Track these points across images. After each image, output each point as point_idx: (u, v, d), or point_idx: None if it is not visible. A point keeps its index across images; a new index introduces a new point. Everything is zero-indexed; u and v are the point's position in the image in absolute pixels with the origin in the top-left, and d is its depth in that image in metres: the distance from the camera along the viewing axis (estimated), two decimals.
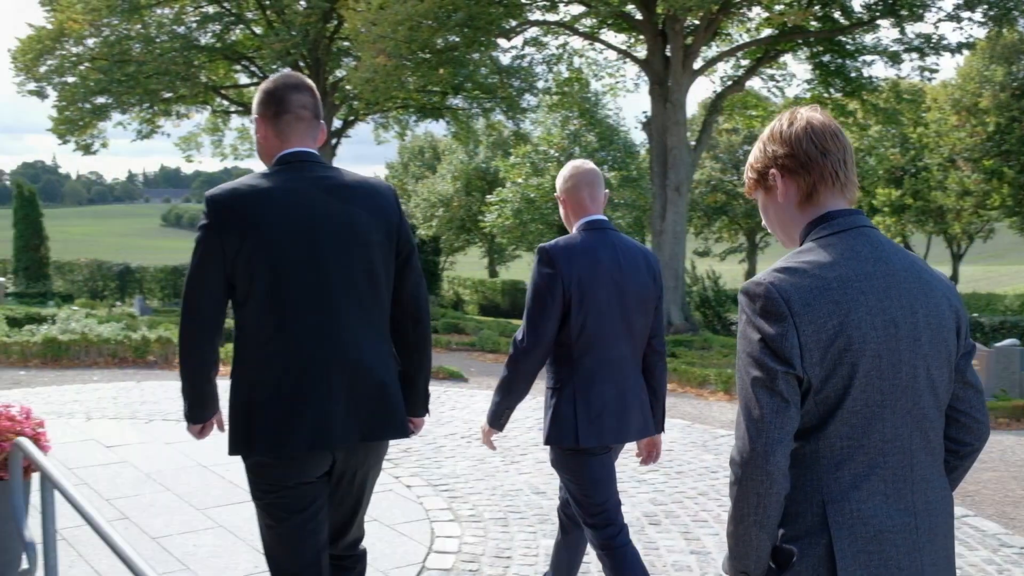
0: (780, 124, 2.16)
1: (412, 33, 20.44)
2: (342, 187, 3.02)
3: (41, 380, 11.23)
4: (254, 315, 2.93)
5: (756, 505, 1.96)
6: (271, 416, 2.89)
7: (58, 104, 28.04)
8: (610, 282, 3.65)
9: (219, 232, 2.88)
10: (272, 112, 3.04)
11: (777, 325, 1.95)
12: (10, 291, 21.36)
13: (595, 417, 3.63)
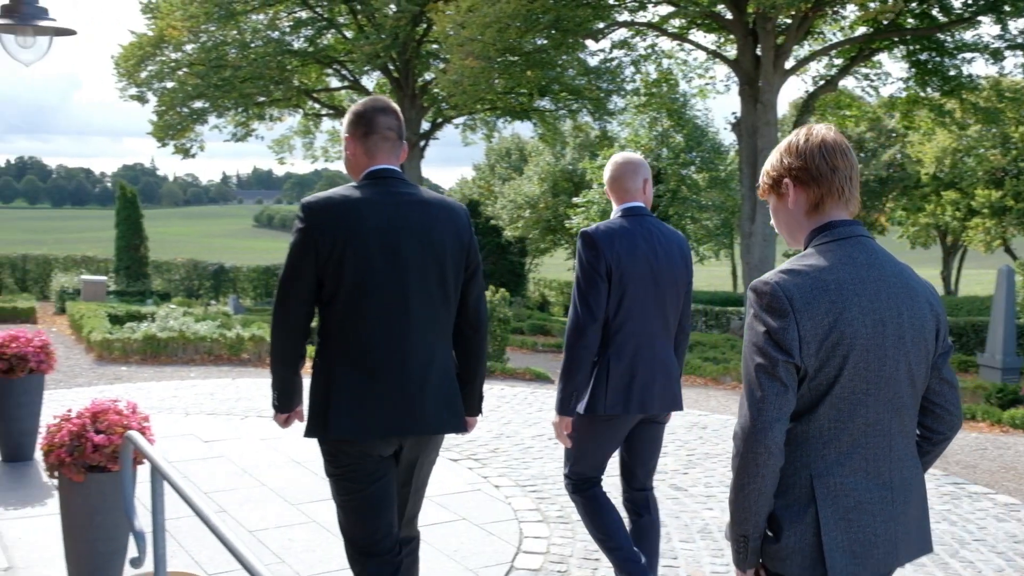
0: (797, 139, 2.42)
1: (500, 35, 20.53)
2: (422, 203, 3.35)
3: (141, 376, 11.61)
4: (339, 313, 3.24)
5: (755, 475, 2.24)
6: (348, 405, 3.20)
7: (158, 109, 28.93)
8: (645, 264, 3.94)
9: (313, 235, 3.20)
10: (361, 132, 3.38)
11: (780, 319, 2.24)
12: (112, 289, 22.07)
13: (624, 388, 3.92)
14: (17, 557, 4.90)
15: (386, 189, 3.33)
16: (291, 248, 3.26)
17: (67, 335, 15.93)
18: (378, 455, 3.30)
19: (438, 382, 3.34)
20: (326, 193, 3.32)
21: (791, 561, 2.28)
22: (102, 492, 4.27)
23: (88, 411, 4.33)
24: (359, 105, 3.44)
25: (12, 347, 6.52)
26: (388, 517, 3.36)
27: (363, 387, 3.23)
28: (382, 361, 3.24)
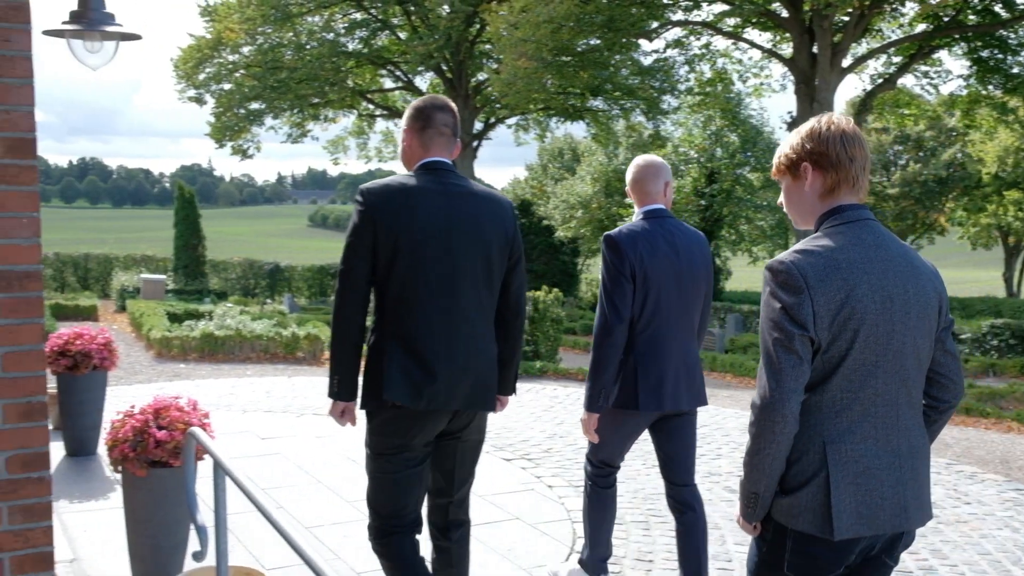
0: (819, 126, 2.58)
1: (553, 36, 20.55)
2: (472, 195, 3.56)
3: (199, 373, 11.80)
4: (393, 295, 3.45)
5: (771, 441, 2.44)
6: (400, 379, 3.40)
7: (215, 110, 29.39)
8: (668, 265, 4.09)
9: (372, 217, 3.40)
10: (419, 126, 3.59)
11: (795, 296, 2.41)
12: (170, 288, 22.48)
13: (656, 386, 4.08)
14: (82, 549, 5.02)
15: (439, 179, 3.53)
16: (351, 229, 3.45)
17: (127, 333, 16.25)
18: (423, 437, 3.50)
19: (483, 362, 3.55)
20: (384, 180, 3.52)
21: (802, 518, 2.47)
22: (164, 487, 4.35)
23: (150, 407, 4.42)
24: (419, 101, 3.67)
25: (77, 344, 6.67)
26: (417, 495, 3.60)
27: (414, 363, 3.41)
28: (432, 341, 3.44)
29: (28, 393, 3.06)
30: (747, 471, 2.53)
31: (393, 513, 3.58)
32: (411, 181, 3.50)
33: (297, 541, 2.24)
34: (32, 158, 2.98)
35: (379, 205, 3.42)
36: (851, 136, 2.56)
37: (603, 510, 4.42)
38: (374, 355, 3.48)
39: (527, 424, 8.51)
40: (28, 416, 3.06)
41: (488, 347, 3.59)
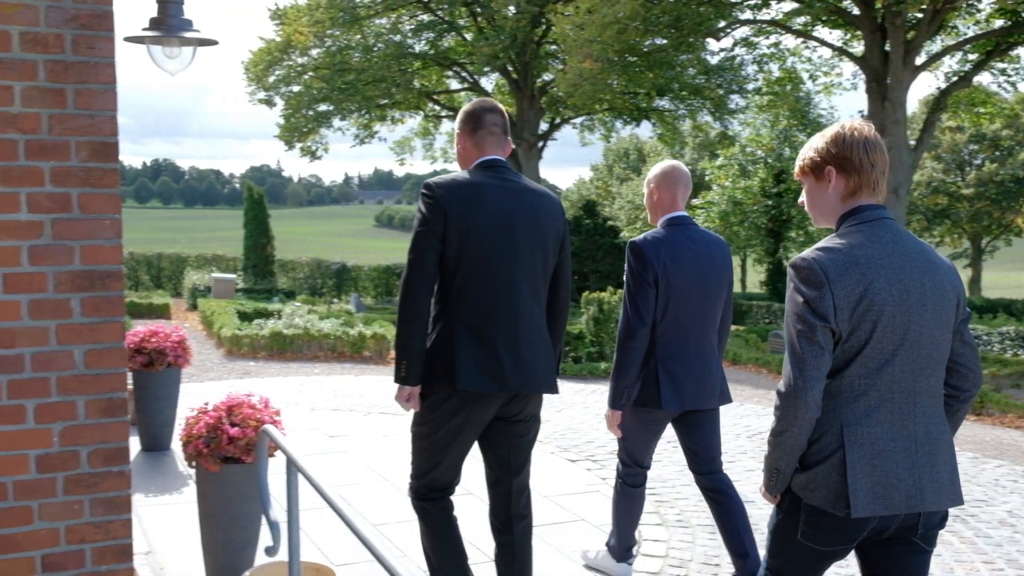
0: (844, 132, 2.76)
1: (619, 36, 20.46)
2: (529, 190, 3.79)
3: (268, 371, 11.99)
4: (459, 283, 3.62)
5: (793, 424, 2.65)
6: (462, 360, 3.57)
7: (284, 112, 29.82)
8: (690, 270, 4.29)
9: (442, 207, 3.59)
10: (471, 128, 3.81)
11: (817, 290, 2.61)
12: (240, 287, 22.87)
13: (677, 386, 4.30)
14: (156, 542, 5.14)
15: (498, 175, 3.75)
16: (420, 220, 3.62)
17: (199, 331, 16.57)
18: (480, 416, 3.69)
19: (542, 348, 3.75)
20: (449, 175, 3.73)
21: (817, 493, 2.67)
22: (236, 483, 4.44)
23: (224, 405, 4.51)
24: (470, 105, 3.89)
25: (152, 342, 6.84)
26: (459, 466, 3.84)
27: (482, 349, 3.60)
28: (496, 327, 3.63)
29: (109, 389, 3.14)
30: (771, 449, 2.75)
31: (433, 477, 3.78)
32: (474, 177, 3.71)
33: (368, 538, 2.28)
34: (114, 161, 3.07)
35: (448, 197, 3.60)
36: (873, 143, 2.75)
37: (630, 507, 4.66)
38: (442, 342, 3.63)
39: (592, 426, 8.50)
40: (109, 412, 3.15)
41: (544, 333, 3.80)
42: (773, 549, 2.88)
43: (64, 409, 3.08)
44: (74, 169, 3.03)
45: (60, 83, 2.98)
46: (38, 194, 3.00)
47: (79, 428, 3.11)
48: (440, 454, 3.74)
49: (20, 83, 2.94)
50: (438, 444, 3.72)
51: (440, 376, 3.60)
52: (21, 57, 2.93)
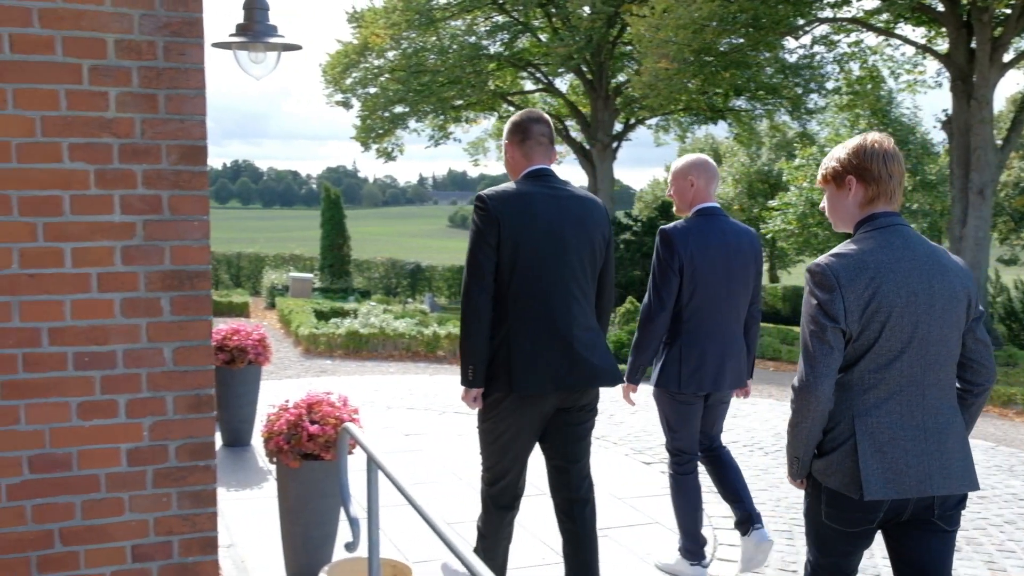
0: (865, 144, 2.98)
1: (695, 36, 20.28)
2: (576, 197, 3.98)
3: (345, 370, 12.16)
4: (516, 286, 3.82)
5: (807, 416, 2.90)
6: (521, 364, 3.79)
7: (361, 114, 30.19)
8: (718, 260, 4.50)
9: (495, 218, 3.80)
10: (519, 139, 4.02)
11: (829, 293, 2.84)
12: (317, 286, 23.23)
13: (696, 369, 4.54)
14: (237, 535, 5.26)
15: (546, 184, 3.95)
16: (475, 230, 3.85)
17: (276, 329, 16.87)
18: (538, 412, 3.91)
19: (596, 343, 3.95)
20: (500, 187, 3.94)
21: (833, 478, 2.92)
22: (315, 479, 4.52)
23: (304, 402, 4.59)
24: (517, 116, 4.08)
25: (234, 340, 6.99)
26: (525, 459, 4.04)
27: (535, 349, 3.81)
28: (549, 328, 3.83)
29: (196, 386, 3.23)
30: (789, 439, 3.01)
31: (501, 471, 4.02)
32: (524, 187, 3.91)
33: (448, 535, 2.31)
34: (203, 164, 3.15)
35: (501, 207, 3.81)
36: (891, 155, 2.97)
37: (686, 497, 4.76)
38: (498, 346, 3.85)
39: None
40: (196, 408, 3.24)
41: (595, 330, 4.00)
42: (808, 534, 3.14)
43: (154, 404, 3.18)
44: (165, 172, 3.12)
45: (152, 89, 3.08)
46: (131, 196, 3.09)
47: (168, 423, 3.20)
48: (504, 449, 3.97)
49: (115, 89, 3.04)
50: (502, 440, 3.95)
51: (498, 378, 3.84)
52: (116, 64, 3.03)
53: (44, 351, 3.06)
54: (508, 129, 4.08)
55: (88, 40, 3.00)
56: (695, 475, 4.78)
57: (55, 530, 3.14)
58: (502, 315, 3.86)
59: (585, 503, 4.09)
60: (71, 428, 3.11)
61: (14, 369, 3.04)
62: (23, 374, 3.05)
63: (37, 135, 2.98)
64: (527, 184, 3.93)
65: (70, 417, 3.10)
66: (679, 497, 4.79)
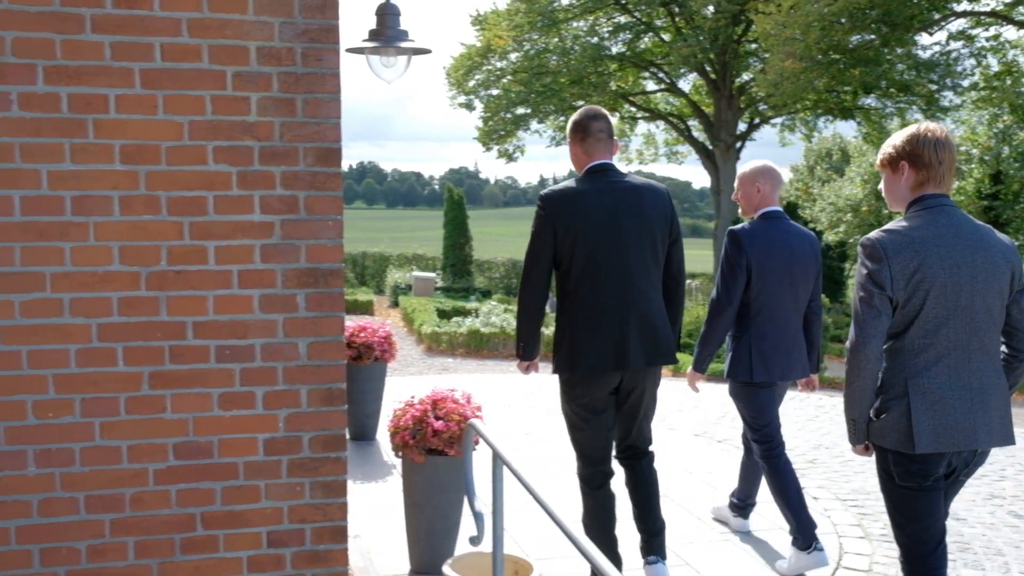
0: (919, 132, 3.27)
1: (824, 34, 19.79)
2: (634, 188, 4.23)
3: (466, 368, 12.33)
4: (574, 278, 4.16)
5: (859, 375, 3.21)
6: (585, 347, 4.15)
7: (483, 115, 30.50)
8: (781, 260, 4.82)
9: (551, 219, 4.14)
10: (580, 136, 4.28)
11: (877, 264, 3.16)
12: (439, 286, 23.59)
13: (766, 359, 4.86)
14: (363, 526, 5.41)
15: (604, 179, 4.21)
16: (534, 230, 4.20)
17: (399, 327, 17.22)
18: (603, 392, 4.23)
19: (653, 325, 4.23)
20: (560, 186, 4.26)
21: (889, 437, 3.22)
22: (439, 474, 4.62)
23: (429, 399, 4.69)
24: (577, 115, 4.33)
25: (360, 337, 7.18)
26: (607, 437, 4.35)
27: (596, 332, 4.14)
28: (609, 313, 4.13)
29: (329, 380, 3.35)
30: (845, 402, 3.31)
31: (587, 454, 4.33)
32: (581, 184, 4.22)
33: (573, 532, 2.34)
34: (337, 166, 3.26)
35: (556, 207, 4.15)
36: (942, 142, 3.24)
37: (783, 481, 4.93)
38: (563, 333, 4.23)
39: (791, 433, 8.28)
40: (329, 401, 3.36)
41: (659, 311, 4.27)
42: (888, 505, 3.39)
43: (289, 397, 3.31)
44: (301, 173, 3.25)
45: (291, 93, 3.21)
46: (270, 196, 3.23)
47: (302, 415, 3.33)
48: (583, 425, 4.31)
49: (256, 94, 3.18)
50: (579, 417, 4.30)
51: (565, 361, 4.22)
52: (258, 70, 3.17)
53: (189, 344, 3.22)
54: (569, 128, 4.35)
55: (232, 48, 3.15)
56: (784, 457, 5.00)
57: (197, 514, 3.30)
58: (566, 302, 4.22)
59: (646, 454, 4.49)
60: (213, 418, 3.27)
61: (161, 361, 3.21)
62: (169, 365, 3.22)
63: (184, 139, 3.15)
64: (585, 180, 4.24)
65: (212, 407, 3.26)
66: (776, 485, 4.94)
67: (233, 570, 3.35)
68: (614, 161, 4.34)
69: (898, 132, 3.35)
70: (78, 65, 3.06)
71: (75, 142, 3.08)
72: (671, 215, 4.30)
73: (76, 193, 3.10)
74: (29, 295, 3.10)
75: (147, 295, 3.18)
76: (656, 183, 4.35)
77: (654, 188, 4.30)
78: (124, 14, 3.07)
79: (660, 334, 4.26)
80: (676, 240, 4.35)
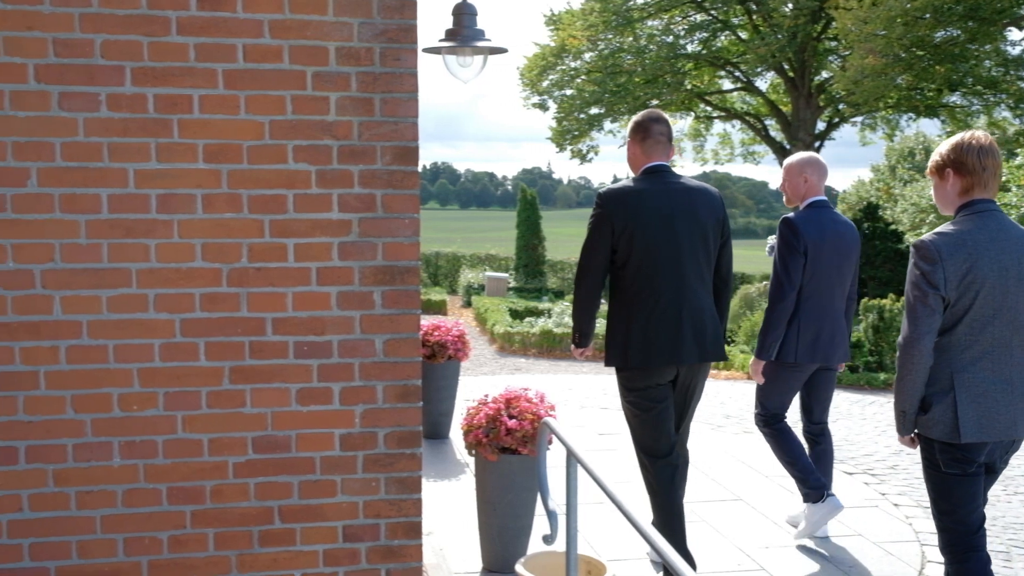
0: (963, 140, 3.45)
1: (907, 30, 19.34)
2: (688, 189, 4.39)
3: (538, 368, 12.33)
4: (630, 273, 4.31)
5: (911, 370, 3.41)
6: (640, 341, 4.29)
7: (557, 115, 30.46)
8: (830, 245, 5.03)
9: (609, 217, 4.28)
10: (640, 137, 4.44)
11: (931, 265, 3.34)
12: (511, 286, 23.65)
13: (812, 343, 5.06)
14: (436, 524, 5.44)
15: (660, 180, 4.37)
16: (591, 226, 4.34)
17: (473, 326, 17.30)
18: (660, 383, 4.36)
19: (704, 322, 4.36)
20: (618, 184, 4.41)
21: (936, 428, 3.43)
22: (512, 472, 4.62)
23: (502, 397, 4.70)
24: (639, 116, 4.49)
25: (435, 336, 7.23)
26: (668, 428, 4.45)
27: (650, 328, 4.28)
28: (663, 309, 4.29)
29: (405, 377, 3.38)
30: (896, 395, 3.51)
31: (655, 446, 4.43)
32: (638, 184, 4.37)
33: (649, 532, 2.32)
34: (414, 164, 3.29)
35: (614, 205, 4.29)
36: (986, 149, 3.41)
37: (784, 443, 5.24)
38: (617, 327, 4.37)
39: (871, 438, 8.11)
40: (404, 397, 3.38)
41: (710, 309, 4.42)
42: (932, 494, 3.57)
43: (365, 393, 3.34)
44: (379, 172, 3.28)
45: (369, 93, 3.24)
46: (348, 195, 3.27)
47: (378, 411, 3.36)
48: (640, 417, 4.43)
49: (335, 94, 3.22)
50: (638, 407, 4.42)
51: (620, 354, 4.37)
52: (337, 70, 3.21)
53: (268, 340, 3.28)
54: (630, 128, 4.50)
55: (312, 48, 3.19)
56: (785, 424, 5.30)
57: (275, 507, 3.35)
58: (621, 297, 4.37)
59: (683, 445, 4.64)
60: (291, 412, 3.32)
61: (242, 356, 3.27)
62: (249, 360, 3.28)
63: (266, 138, 3.20)
64: (642, 180, 4.40)
65: (290, 402, 3.31)
66: (779, 447, 5.25)
67: (309, 563, 3.40)
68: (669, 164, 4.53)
69: (945, 141, 3.53)
70: (164, 66, 3.13)
71: (161, 142, 3.15)
72: (723, 217, 4.46)
73: (161, 191, 3.17)
74: (116, 291, 3.18)
75: (228, 291, 3.24)
76: (709, 186, 4.50)
77: (708, 191, 4.45)
78: (208, 16, 3.13)
79: (711, 331, 4.41)
80: (726, 242, 4.51)
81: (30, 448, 3.19)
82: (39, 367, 3.17)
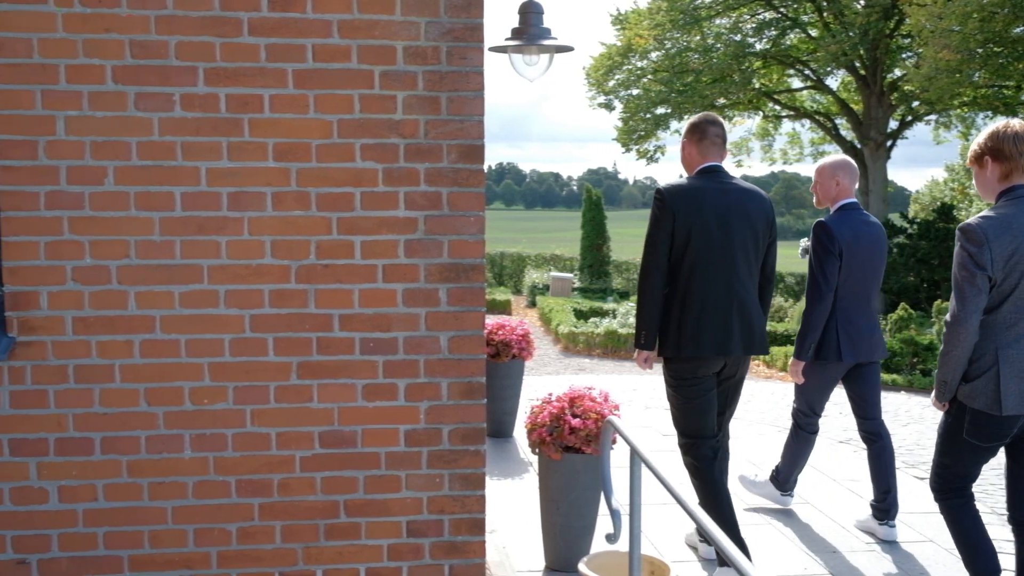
0: (998, 129, 3.65)
1: (983, 25, 18.87)
2: (740, 190, 4.56)
3: (603, 368, 12.29)
4: (687, 268, 4.44)
5: (957, 345, 3.64)
6: (692, 331, 4.44)
7: (623, 115, 30.32)
8: (863, 246, 5.17)
9: (670, 210, 4.42)
10: (697, 138, 4.60)
11: (978, 247, 3.54)
12: (576, 286, 23.62)
13: (853, 341, 5.19)
14: (499, 521, 5.46)
15: (716, 179, 4.54)
16: (654, 219, 4.48)
17: (536, 326, 17.30)
18: (707, 373, 4.51)
19: (750, 316, 4.52)
20: (677, 181, 4.55)
21: (978, 400, 3.66)
22: (576, 471, 4.62)
23: (566, 396, 4.70)
24: (696, 117, 4.67)
25: (499, 335, 7.25)
26: (712, 416, 4.59)
27: (703, 320, 4.43)
28: (716, 302, 4.44)
29: (469, 374, 3.39)
30: (940, 366, 3.75)
31: (699, 433, 4.57)
32: (696, 182, 4.52)
33: (715, 533, 2.30)
34: (480, 163, 3.30)
35: (675, 199, 4.42)
36: (1021, 135, 3.58)
37: (801, 449, 5.58)
38: (672, 319, 4.49)
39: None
40: (468, 394, 3.40)
41: (755, 304, 4.57)
42: (943, 447, 3.90)
43: (430, 389, 3.37)
44: (445, 170, 3.31)
45: (435, 91, 3.27)
46: (414, 193, 3.30)
47: (442, 408, 3.38)
48: (687, 405, 4.56)
49: (402, 92, 3.25)
50: (683, 396, 4.56)
51: (673, 343, 4.48)
52: (404, 69, 3.24)
53: (335, 336, 3.32)
54: (687, 129, 4.65)
55: (380, 48, 3.23)
56: (816, 435, 5.59)
57: (340, 501, 3.40)
58: (677, 290, 4.49)
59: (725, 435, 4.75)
60: (357, 408, 3.36)
61: (309, 351, 3.32)
62: (316, 356, 3.33)
63: (334, 137, 3.25)
64: (699, 179, 4.54)
65: (356, 398, 3.35)
66: (795, 449, 5.57)
67: (374, 557, 3.44)
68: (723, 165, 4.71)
69: (982, 130, 3.73)
70: (236, 67, 3.19)
71: (232, 140, 3.22)
72: (772, 219, 4.65)
73: (232, 189, 3.23)
74: (188, 286, 3.25)
75: (296, 288, 3.29)
76: (759, 189, 4.67)
77: (759, 193, 4.64)
78: (279, 17, 3.19)
79: (758, 326, 4.58)
80: (772, 243, 4.69)
81: (105, 439, 3.28)
82: (115, 360, 3.26)
